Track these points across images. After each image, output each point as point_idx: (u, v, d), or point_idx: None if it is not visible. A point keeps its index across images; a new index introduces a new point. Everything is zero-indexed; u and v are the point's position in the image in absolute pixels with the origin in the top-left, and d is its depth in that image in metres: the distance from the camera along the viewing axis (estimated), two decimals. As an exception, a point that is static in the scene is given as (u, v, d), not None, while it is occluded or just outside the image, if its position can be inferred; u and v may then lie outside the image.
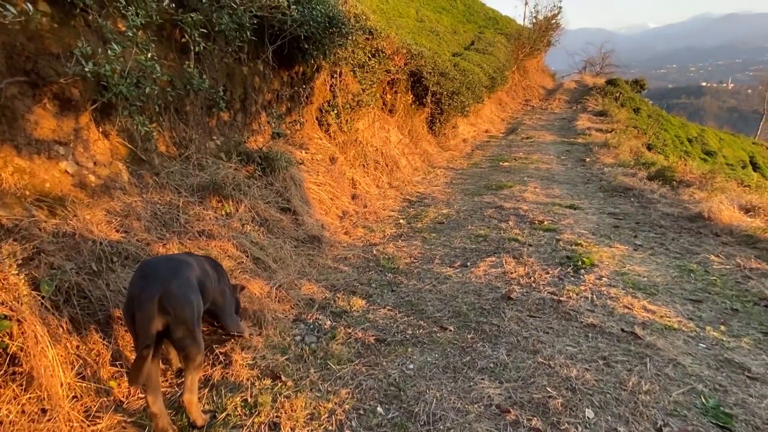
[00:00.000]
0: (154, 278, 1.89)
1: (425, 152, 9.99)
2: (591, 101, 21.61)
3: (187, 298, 1.92)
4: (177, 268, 2.00)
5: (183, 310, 1.89)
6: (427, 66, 9.71)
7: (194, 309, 1.94)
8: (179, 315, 1.87)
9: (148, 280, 1.88)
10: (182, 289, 1.92)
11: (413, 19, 19.96)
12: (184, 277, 1.97)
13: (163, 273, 1.93)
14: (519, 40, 23.24)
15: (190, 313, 1.91)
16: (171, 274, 1.94)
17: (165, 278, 1.90)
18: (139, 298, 1.82)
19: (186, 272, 2.01)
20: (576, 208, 6.13)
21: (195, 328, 1.94)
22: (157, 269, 1.95)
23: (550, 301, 3.25)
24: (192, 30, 3.89)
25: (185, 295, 1.92)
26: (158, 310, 1.81)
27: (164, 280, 1.88)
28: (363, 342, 2.73)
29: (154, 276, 1.90)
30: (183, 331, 1.90)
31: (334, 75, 6.90)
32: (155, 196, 3.42)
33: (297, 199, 4.79)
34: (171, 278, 1.91)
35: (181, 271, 1.99)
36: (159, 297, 1.82)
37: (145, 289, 1.84)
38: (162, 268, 1.97)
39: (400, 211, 6.21)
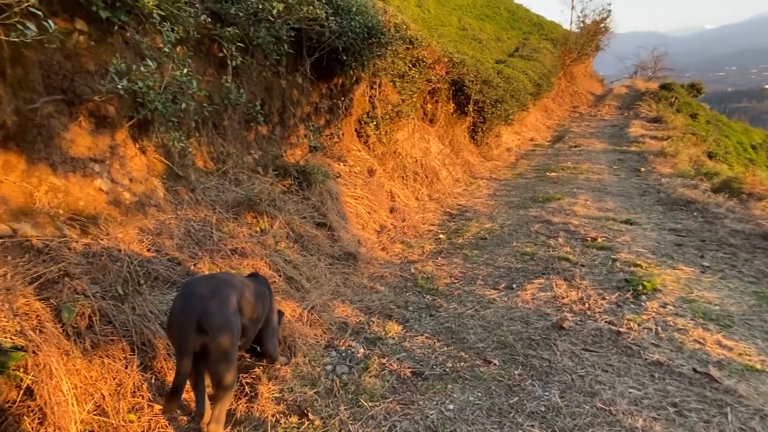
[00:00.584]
0: (195, 297, 1.83)
1: (467, 162, 9.69)
2: (644, 107, 20.55)
3: (226, 319, 1.84)
4: (218, 287, 1.92)
5: (221, 332, 1.80)
6: (470, 74, 9.44)
7: (233, 331, 1.86)
8: (217, 336, 1.79)
9: (188, 298, 1.83)
10: (221, 309, 1.85)
11: (455, 28, 19.72)
12: (224, 298, 1.90)
13: (203, 292, 1.86)
14: (566, 46, 22.49)
15: (228, 334, 1.83)
16: (211, 293, 1.87)
17: (205, 297, 1.83)
18: (179, 318, 1.78)
19: (227, 292, 1.93)
20: (632, 224, 5.67)
21: (232, 353, 1.86)
22: (198, 288, 1.89)
23: (608, 332, 2.91)
24: (229, 44, 3.85)
25: (224, 316, 1.84)
26: (197, 329, 1.74)
27: (204, 299, 1.82)
28: (398, 375, 2.51)
29: (194, 294, 1.85)
30: (219, 354, 1.81)
31: (374, 86, 6.78)
32: (190, 213, 3.36)
33: (333, 214, 4.66)
34: (211, 298, 1.84)
35: (222, 291, 1.91)
36: (198, 317, 1.75)
37: (185, 308, 1.79)
38: (203, 287, 1.90)
39: (440, 225, 5.96)
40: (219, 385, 1.86)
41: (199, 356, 1.79)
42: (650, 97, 22.59)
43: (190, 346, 1.73)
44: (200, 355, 1.79)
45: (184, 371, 1.73)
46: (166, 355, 2.24)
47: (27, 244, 2.26)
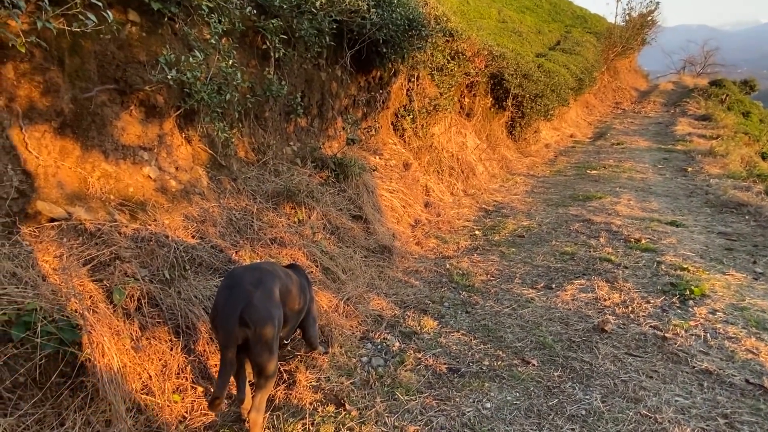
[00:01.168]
0: (239, 289, 1.84)
1: (504, 158, 9.52)
2: (692, 104, 19.62)
3: (269, 312, 1.85)
4: (261, 279, 1.92)
5: (264, 325, 1.82)
6: (509, 68, 9.24)
7: (275, 323, 1.87)
8: (259, 329, 1.80)
9: (232, 290, 1.85)
10: (264, 302, 1.85)
11: (495, 20, 19.32)
12: (267, 290, 1.90)
13: (247, 284, 1.86)
14: (610, 39, 21.68)
15: (270, 327, 1.84)
16: (254, 286, 1.87)
17: (248, 290, 1.84)
18: (223, 311, 1.79)
19: (270, 284, 1.94)
20: (678, 225, 5.43)
21: (273, 344, 1.88)
22: (241, 280, 1.89)
23: (652, 337, 2.80)
24: (272, 36, 3.89)
25: (267, 308, 1.85)
26: (240, 323, 1.76)
27: (247, 292, 1.83)
28: (434, 370, 2.50)
29: (238, 286, 1.86)
30: (262, 345, 1.83)
31: (412, 79, 6.73)
32: (232, 202, 3.44)
33: (369, 207, 4.67)
34: (254, 290, 1.85)
35: (265, 283, 1.92)
36: (241, 310, 1.77)
37: (228, 301, 1.81)
38: (246, 279, 1.90)
39: (476, 221, 5.88)
40: (261, 374, 1.88)
41: (242, 347, 1.81)
42: (699, 94, 21.54)
43: (234, 339, 1.75)
44: (243, 346, 1.81)
45: (229, 364, 1.75)
46: (209, 339, 2.31)
47: (81, 228, 2.36)
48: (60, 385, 1.74)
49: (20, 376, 1.65)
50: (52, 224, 2.30)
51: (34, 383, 1.68)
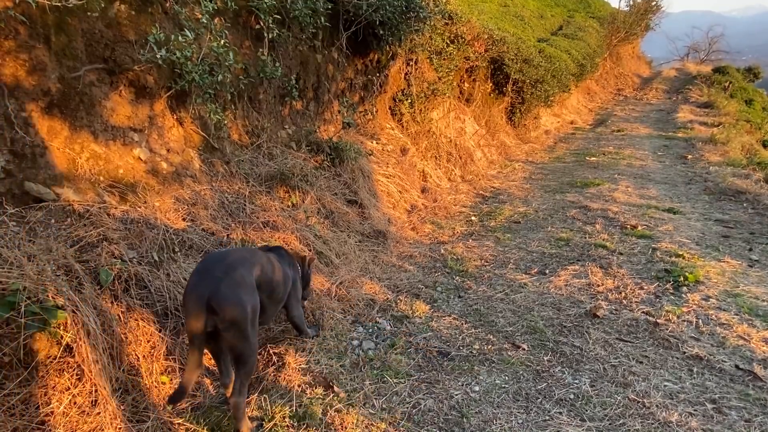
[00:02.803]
0: (207, 275, 1.78)
1: (503, 144, 9.45)
2: (694, 91, 19.43)
3: (238, 299, 1.79)
4: (232, 265, 1.86)
5: (233, 311, 1.76)
6: (510, 52, 9.12)
7: (246, 310, 1.81)
8: (228, 316, 1.74)
9: (202, 276, 1.79)
10: (234, 289, 1.79)
11: (497, 4, 19.03)
12: (238, 276, 1.84)
13: (217, 271, 1.81)
14: (613, 25, 21.38)
15: (240, 313, 1.78)
16: (225, 272, 1.81)
17: (217, 276, 1.78)
18: (190, 296, 1.74)
19: (242, 270, 1.88)
20: (676, 213, 5.41)
21: (247, 329, 1.81)
22: (212, 266, 1.84)
23: (644, 322, 2.80)
24: (266, 16, 3.82)
25: (236, 295, 1.79)
26: (207, 310, 1.71)
27: (216, 279, 1.76)
28: (424, 354, 2.50)
29: (207, 273, 1.80)
30: (234, 332, 1.78)
31: (410, 62, 6.64)
32: (224, 185, 3.41)
33: (364, 192, 4.64)
34: (223, 277, 1.79)
35: (236, 269, 1.86)
36: (207, 297, 1.71)
37: (196, 287, 1.75)
38: (218, 265, 1.84)
39: (473, 207, 5.86)
40: (237, 360, 1.84)
41: (213, 334, 1.76)
42: (702, 81, 21.32)
43: (200, 326, 1.70)
44: (213, 333, 1.76)
45: (196, 352, 1.73)
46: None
47: (69, 209, 2.34)
48: (46, 365, 1.74)
49: (5, 356, 1.65)
50: (39, 205, 2.28)
51: (20, 363, 1.68)
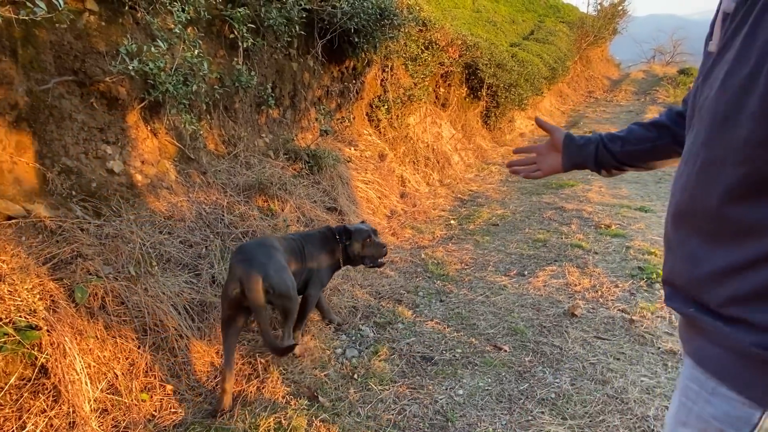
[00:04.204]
0: (255, 261, 2.17)
1: (479, 148, 9.58)
2: (661, 92, 20.07)
3: (283, 279, 2.21)
4: (269, 252, 2.28)
5: (282, 287, 2.18)
6: (483, 57, 9.27)
7: (290, 286, 2.25)
8: (279, 291, 2.17)
9: (251, 263, 2.15)
10: (279, 272, 2.22)
11: (470, 10, 19.33)
12: (277, 260, 2.26)
13: (261, 257, 2.20)
14: (582, 29, 21.97)
15: (285, 288, 2.21)
16: (267, 258, 2.21)
17: (263, 261, 2.18)
18: (247, 279, 2.09)
19: (277, 255, 2.29)
20: (647, 211, 5.58)
21: (293, 296, 2.28)
22: (252, 254, 2.22)
23: (620, 320, 2.88)
24: (240, 25, 3.80)
25: (281, 276, 2.21)
26: (264, 291, 2.10)
27: (262, 264, 2.16)
28: (408, 359, 2.51)
29: (254, 259, 2.18)
30: (284, 301, 2.24)
31: (386, 69, 6.69)
32: (201, 196, 3.37)
33: (344, 198, 4.64)
34: (268, 262, 2.19)
35: (274, 255, 2.28)
36: (261, 277, 2.09)
37: (250, 271, 2.10)
38: (259, 251, 2.26)
39: (451, 210, 5.92)
40: (287, 317, 2.32)
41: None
42: (668, 82, 22.03)
43: (262, 304, 2.10)
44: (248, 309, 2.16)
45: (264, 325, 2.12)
46: (177, 336, 2.26)
47: (41, 225, 2.28)
48: (20, 388, 1.69)
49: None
50: (9, 222, 2.22)
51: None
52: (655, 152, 1.17)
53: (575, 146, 1.26)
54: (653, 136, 1.16)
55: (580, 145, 1.26)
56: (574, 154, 1.26)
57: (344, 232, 2.76)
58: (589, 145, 1.24)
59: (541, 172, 1.35)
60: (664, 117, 1.17)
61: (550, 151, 1.33)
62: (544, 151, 1.35)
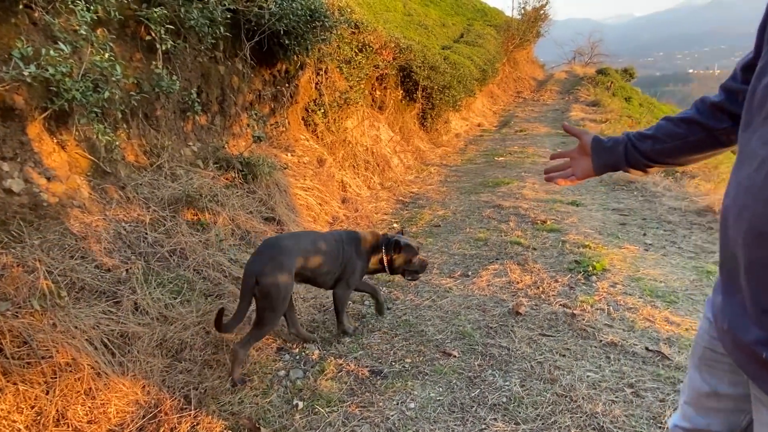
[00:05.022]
0: (260, 258, 2.41)
1: (417, 149, 9.65)
2: (582, 91, 21.34)
3: (275, 279, 2.34)
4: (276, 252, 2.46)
5: (269, 287, 2.33)
6: (417, 60, 9.36)
7: (280, 288, 2.35)
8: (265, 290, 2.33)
9: (257, 256, 2.43)
10: (273, 270, 2.36)
11: (401, 13, 19.54)
12: (281, 261, 2.40)
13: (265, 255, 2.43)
14: (508, 32, 22.94)
15: (275, 291, 2.34)
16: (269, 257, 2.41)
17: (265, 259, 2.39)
18: (246, 271, 2.37)
19: (282, 257, 2.43)
20: (578, 205, 5.84)
21: (276, 302, 2.37)
22: (262, 251, 2.47)
23: (563, 315, 2.93)
24: (157, 26, 3.52)
25: (274, 277, 2.34)
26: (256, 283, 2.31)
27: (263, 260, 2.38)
28: (356, 375, 2.39)
29: (260, 256, 2.43)
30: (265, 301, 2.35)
31: (320, 72, 6.54)
32: (120, 213, 3.06)
33: (282, 207, 4.45)
34: (268, 260, 2.38)
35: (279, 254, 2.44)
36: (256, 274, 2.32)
37: (252, 263, 2.39)
38: (267, 251, 2.46)
39: (394, 213, 5.88)
40: (258, 321, 2.41)
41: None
42: (588, 82, 23.50)
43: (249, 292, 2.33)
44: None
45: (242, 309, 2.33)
46: (95, 375, 2.00)
47: None
48: None
49: None
50: None
51: None
52: (686, 148, 1.15)
53: (603, 149, 1.26)
54: (683, 133, 1.14)
55: (608, 147, 1.25)
56: (603, 156, 1.26)
57: (395, 245, 2.85)
58: (617, 147, 1.23)
59: (575, 177, 1.35)
60: (694, 111, 1.14)
61: (581, 155, 1.32)
62: (576, 156, 1.34)
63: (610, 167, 1.27)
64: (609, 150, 1.25)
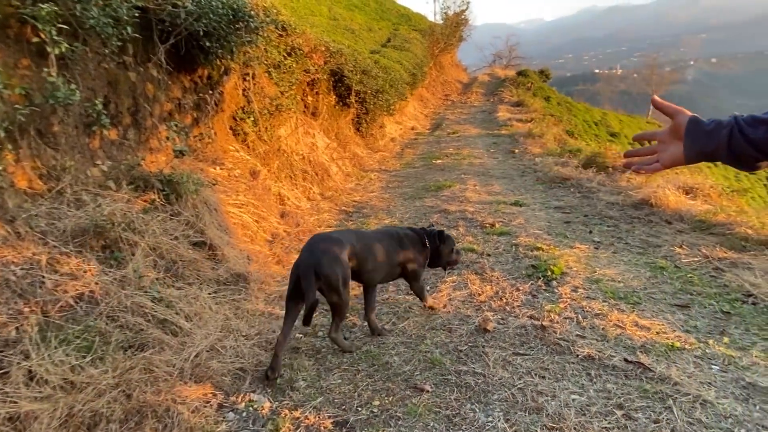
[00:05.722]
0: (313, 253, 2.49)
1: (355, 155, 9.37)
2: (506, 92, 22.21)
3: (332, 269, 2.45)
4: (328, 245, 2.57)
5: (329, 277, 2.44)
6: (348, 64, 9.09)
7: (339, 276, 2.47)
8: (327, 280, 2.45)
9: (310, 253, 2.51)
10: (330, 262, 2.47)
11: (326, 17, 19.20)
12: (333, 253, 2.51)
13: (317, 250, 2.51)
14: (433, 36, 23.40)
15: (335, 279, 2.45)
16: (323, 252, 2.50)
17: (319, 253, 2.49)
18: (301, 267, 2.45)
19: (334, 248, 2.54)
20: (521, 205, 5.82)
21: (340, 288, 2.49)
22: (315, 246, 2.55)
23: (532, 328, 2.75)
24: (47, 27, 2.95)
25: (331, 267, 2.45)
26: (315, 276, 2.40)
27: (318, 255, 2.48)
28: (317, 430, 2.03)
29: (312, 251, 2.51)
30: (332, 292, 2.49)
31: (247, 77, 6.05)
32: (7, 254, 2.48)
33: (213, 228, 3.96)
34: (323, 254, 2.48)
35: (332, 248, 2.53)
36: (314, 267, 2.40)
37: (306, 261, 2.46)
38: (319, 246, 2.55)
39: (338, 225, 5.53)
40: (333, 310, 2.59)
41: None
42: (510, 84, 24.54)
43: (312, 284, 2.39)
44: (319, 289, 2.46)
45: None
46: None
47: None
48: None
49: None
50: None
51: None
52: None
53: (702, 132, 1.04)
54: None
55: (709, 130, 1.03)
56: (700, 141, 1.04)
57: (439, 236, 3.01)
58: (720, 131, 1.01)
59: (660, 164, 1.12)
60: None
61: (672, 139, 1.10)
62: (666, 139, 1.11)
63: (707, 156, 1.06)
64: (709, 134, 1.03)
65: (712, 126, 1.05)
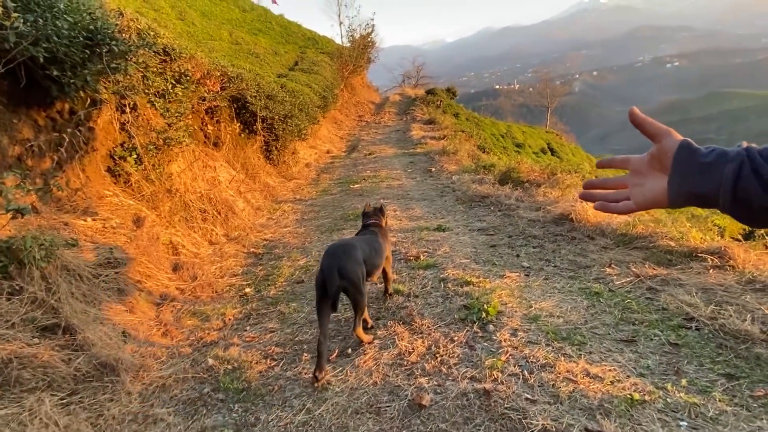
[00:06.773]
0: (335, 257, 2.78)
1: (266, 186, 8.64)
2: (417, 111, 22.56)
3: (354, 269, 2.80)
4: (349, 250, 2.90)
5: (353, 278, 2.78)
6: (250, 89, 8.42)
7: (359, 275, 2.82)
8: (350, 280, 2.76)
9: (332, 258, 2.78)
10: (353, 265, 2.81)
11: (227, 42, 18.31)
12: (353, 256, 2.86)
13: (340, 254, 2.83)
14: (341, 58, 23.30)
15: (357, 278, 2.79)
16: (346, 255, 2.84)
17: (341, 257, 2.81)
18: (327, 270, 2.71)
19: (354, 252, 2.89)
20: (444, 230, 5.50)
21: (360, 287, 2.84)
22: (337, 251, 2.85)
23: (474, 396, 2.30)
24: None
25: (353, 267, 2.80)
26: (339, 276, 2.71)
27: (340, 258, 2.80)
28: None
29: (334, 256, 2.79)
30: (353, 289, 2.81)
31: (125, 109, 5.20)
32: None
33: (74, 303, 3.12)
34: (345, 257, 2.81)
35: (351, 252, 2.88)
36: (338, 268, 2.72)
37: (330, 264, 2.73)
38: (339, 251, 2.85)
39: (245, 273, 4.82)
40: (356, 307, 2.89)
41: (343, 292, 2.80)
42: (421, 102, 25.05)
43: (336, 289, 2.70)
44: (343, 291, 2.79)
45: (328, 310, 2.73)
46: None
47: None
48: None
49: None
50: None
51: None
52: None
53: (697, 164, 0.72)
54: None
55: (707, 162, 0.71)
56: (692, 177, 0.72)
57: (380, 211, 3.70)
58: (723, 165, 0.69)
59: (633, 202, 0.80)
60: None
61: (652, 170, 0.78)
62: (643, 169, 0.79)
63: (700, 199, 0.72)
64: (706, 169, 0.71)
65: (711, 157, 0.71)
